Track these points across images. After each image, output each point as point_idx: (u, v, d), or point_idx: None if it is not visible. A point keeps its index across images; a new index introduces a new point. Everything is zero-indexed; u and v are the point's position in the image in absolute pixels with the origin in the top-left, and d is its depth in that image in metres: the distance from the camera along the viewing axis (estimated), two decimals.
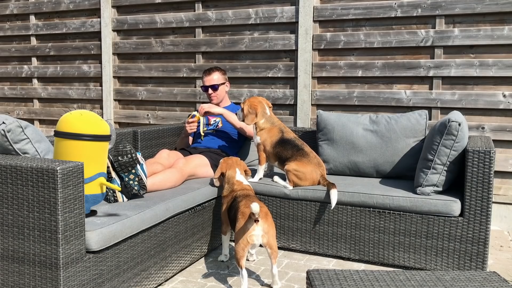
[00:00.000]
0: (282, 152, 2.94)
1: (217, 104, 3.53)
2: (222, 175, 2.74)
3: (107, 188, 2.39)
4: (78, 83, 4.81)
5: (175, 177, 2.78)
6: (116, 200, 2.41)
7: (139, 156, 2.48)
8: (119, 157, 2.40)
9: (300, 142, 2.97)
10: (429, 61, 3.52)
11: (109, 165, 2.41)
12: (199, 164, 3.04)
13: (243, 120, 3.03)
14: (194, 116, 3.31)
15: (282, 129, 3.01)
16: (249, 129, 3.33)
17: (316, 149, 3.41)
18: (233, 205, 2.54)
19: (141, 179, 2.44)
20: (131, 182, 2.42)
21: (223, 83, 3.49)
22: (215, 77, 3.45)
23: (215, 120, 3.41)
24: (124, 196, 2.43)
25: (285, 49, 3.93)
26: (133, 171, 2.42)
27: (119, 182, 2.42)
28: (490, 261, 2.84)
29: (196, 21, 4.20)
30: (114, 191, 2.40)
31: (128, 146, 2.42)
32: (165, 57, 4.40)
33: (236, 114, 3.06)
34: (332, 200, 2.70)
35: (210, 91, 3.45)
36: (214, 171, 3.10)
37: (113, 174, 2.42)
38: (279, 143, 2.96)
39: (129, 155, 2.40)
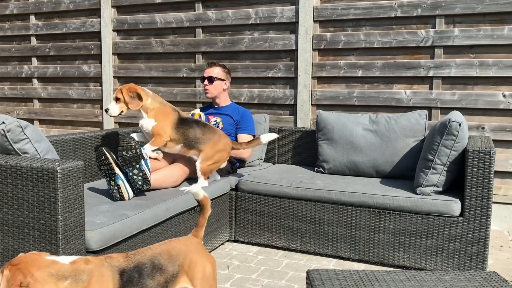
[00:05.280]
0: (189, 132, 2.79)
1: (214, 100, 3.48)
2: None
3: (112, 185, 2.40)
4: (78, 83, 4.81)
5: (177, 173, 2.79)
6: (122, 197, 2.41)
7: (143, 151, 2.48)
8: (124, 152, 2.40)
9: (196, 118, 2.88)
10: (429, 61, 3.52)
11: (112, 161, 2.41)
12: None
13: (122, 111, 2.80)
14: (193, 114, 3.30)
15: (174, 107, 2.85)
16: (246, 153, 3.30)
17: (316, 149, 3.41)
18: None
19: (145, 174, 2.45)
20: (135, 177, 2.43)
21: (222, 80, 3.43)
22: (215, 71, 3.41)
23: (215, 121, 3.40)
24: (129, 192, 2.43)
25: (285, 49, 3.92)
26: (138, 166, 2.43)
27: (122, 178, 2.42)
28: (490, 261, 2.84)
29: (196, 21, 4.20)
30: (119, 188, 2.40)
31: (133, 141, 2.42)
32: (165, 57, 4.40)
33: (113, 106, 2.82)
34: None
35: (205, 82, 3.40)
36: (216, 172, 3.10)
37: (116, 170, 2.42)
38: (180, 122, 2.80)
39: (134, 150, 2.41)
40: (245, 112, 3.43)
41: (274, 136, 2.96)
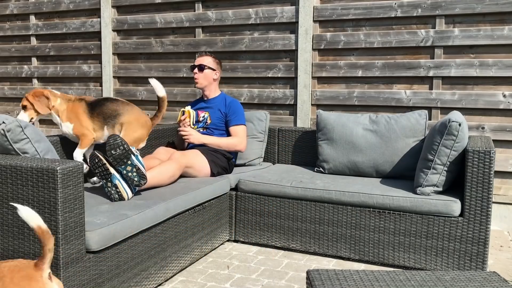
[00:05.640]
0: (103, 109, 2.71)
1: (203, 92, 3.43)
2: None
3: (110, 186, 2.39)
4: (78, 83, 4.81)
5: (173, 168, 2.78)
6: (121, 197, 2.40)
7: (133, 149, 2.47)
8: (112, 151, 2.39)
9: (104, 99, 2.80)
10: (429, 61, 3.52)
11: (105, 162, 2.40)
12: (195, 155, 3.05)
13: (32, 118, 2.67)
14: (184, 112, 3.23)
15: (79, 97, 2.75)
16: (240, 145, 3.29)
17: (316, 149, 3.41)
18: None
19: (139, 169, 2.43)
20: (130, 174, 2.41)
21: (213, 70, 3.36)
22: (206, 60, 3.36)
23: (203, 117, 3.34)
24: (127, 191, 2.42)
25: (285, 49, 3.92)
26: (129, 162, 2.41)
27: (118, 177, 2.41)
28: (490, 261, 2.84)
29: (196, 21, 4.20)
30: (117, 188, 2.40)
31: (118, 139, 2.40)
32: (165, 57, 4.40)
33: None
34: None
35: (195, 70, 3.35)
36: (211, 167, 3.08)
37: (112, 170, 2.41)
38: (91, 107, 2.72)
39: (122, 147, 2.39)
40: (232, 102, 3.36)
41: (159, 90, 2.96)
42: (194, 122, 3.26)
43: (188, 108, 3.26)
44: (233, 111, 3.33)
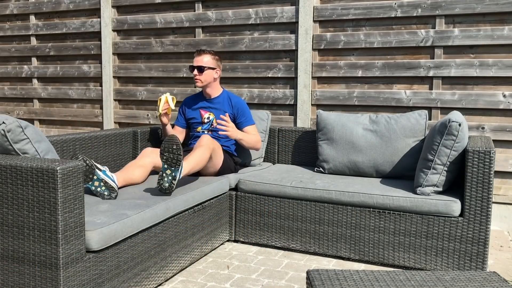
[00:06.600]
0: None
1: (204, 90, 3.38)
2: None
3: (167, 174, 2.45)
4: (78, 83, 4.81)
5: (206, 153, 2.84)
6: (170, 188, 2.45)
7: (101, 166, 2.47)
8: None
9: None
10: (429, 61, 3.52)
11: (181, 153, 2.45)
12: (219, 148, 3.08)
13: None
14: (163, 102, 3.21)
15: None
16: (260, 142, 3.33)
17: (316, 149, 3.41)
18: None
19: (106, 182, 2.41)
20: (98, 189, 2.41)
21: (213, 68, 3.29)
22: (205, 59, 3.27)
23: (208, 118, 3.32)
24: (175, 186, 2.49)
25: (285, 49, 3.92)
26: (95, 177, 2.40)
27: (180, 172, 2.47)
28: (490, 261, 2.84)
29: (196, 21, 4.20)
30: (174, 180, 2.46)
31: (80, 156, 2.40)
32: (165, 57, 4.40)
33: None
34: None
35: (195, 71, 3.27)
36: (221, 167, 3.08)
37: (181, 163, 2.47)
38: None
39: (84, 163, 2.38)
40: (237, 102, 3.33)
41: None
42: (163, 104, 3.20)
43: (166, 96, 3.21)
44: (242, 112, 3.32)
